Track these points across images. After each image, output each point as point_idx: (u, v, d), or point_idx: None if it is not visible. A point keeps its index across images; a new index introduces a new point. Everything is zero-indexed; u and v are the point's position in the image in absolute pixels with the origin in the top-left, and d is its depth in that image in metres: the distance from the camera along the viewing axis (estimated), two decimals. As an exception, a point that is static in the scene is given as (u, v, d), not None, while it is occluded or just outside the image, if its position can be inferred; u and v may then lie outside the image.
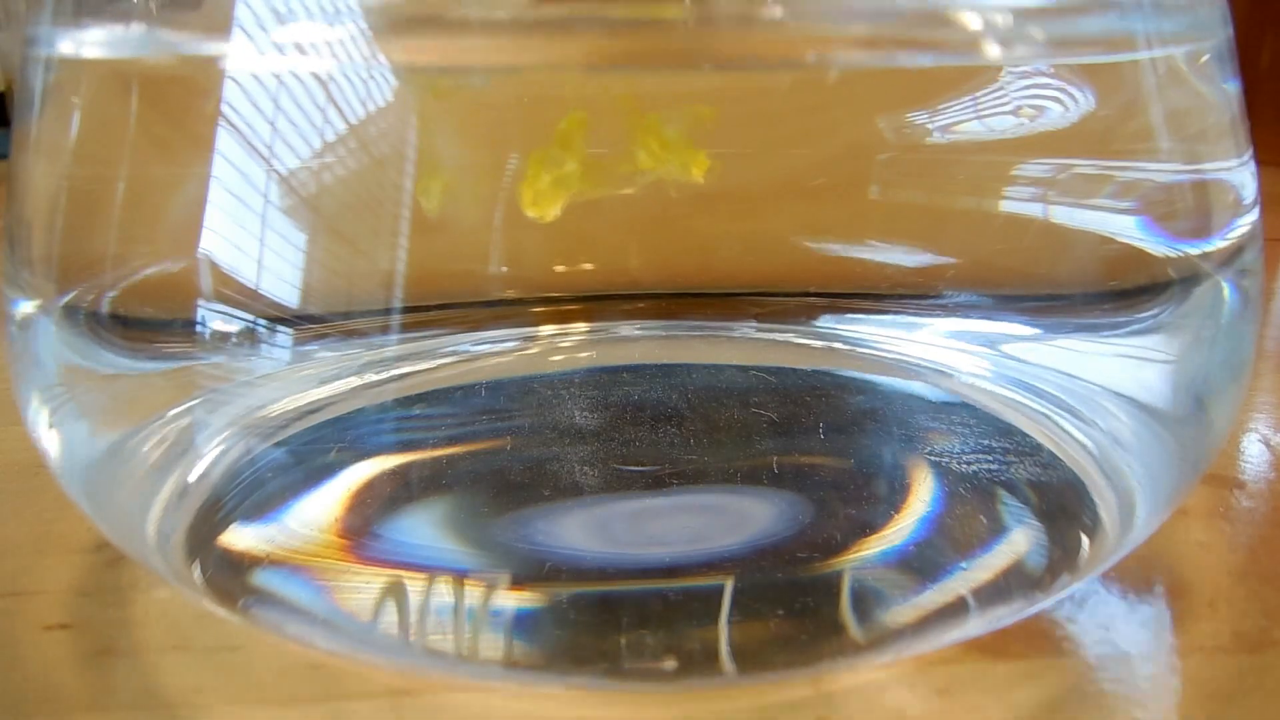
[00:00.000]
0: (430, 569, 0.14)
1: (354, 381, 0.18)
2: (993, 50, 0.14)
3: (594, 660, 0.13)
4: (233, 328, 0.15)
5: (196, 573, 0.14)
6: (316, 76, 0.14)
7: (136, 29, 0.14)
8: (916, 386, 0.19)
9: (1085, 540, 0.15)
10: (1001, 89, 0.15)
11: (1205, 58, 0.15)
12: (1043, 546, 0.15)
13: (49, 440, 0.15)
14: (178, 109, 0.15)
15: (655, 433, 0.17)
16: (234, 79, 0.14)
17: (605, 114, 0.16)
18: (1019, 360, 0.18)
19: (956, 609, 0.13)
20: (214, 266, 0.14)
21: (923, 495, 0.15)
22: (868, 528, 0.15)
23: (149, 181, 0.15)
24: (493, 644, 0.13)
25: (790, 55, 0.14)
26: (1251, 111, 0.16)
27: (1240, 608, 0.15)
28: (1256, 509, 0.18)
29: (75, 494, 0.15)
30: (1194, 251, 0.16)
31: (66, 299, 0.15)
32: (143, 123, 0.15)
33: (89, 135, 0.15)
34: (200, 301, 0.15)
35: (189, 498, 0.15)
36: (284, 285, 0.15)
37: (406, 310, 0.16)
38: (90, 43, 0.15)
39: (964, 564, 0.14)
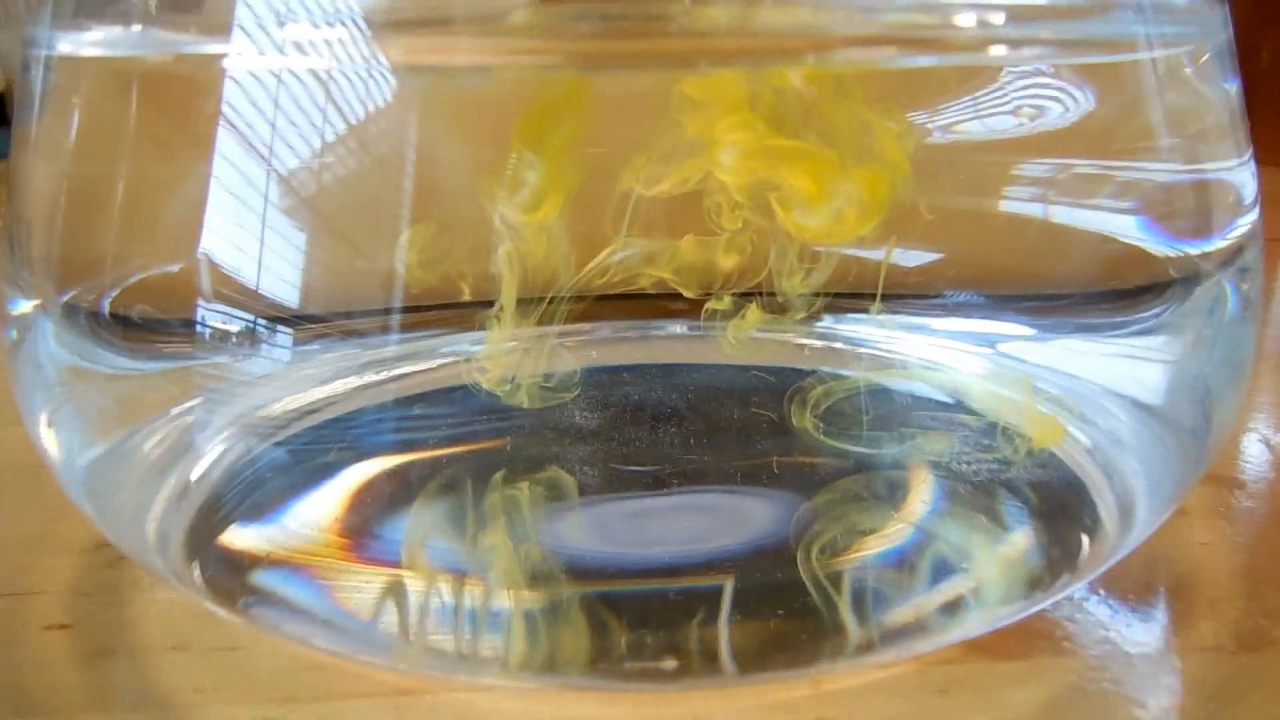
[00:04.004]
0: (430, 569, 0.14)
1: (354, 381, 0.18)
2: (993, 50, 0.14)
3: (594, 660, 0.13)
4: (233, 328, 0.15)
5: (196, 573, 0.14)
6: (316, 76, 0.14)
7: (136, 29, 0.14)
8: (917, 386, 0.19)
9: (1085, 540, 0.15)
10: (1001, 89, 0.15)
11: (1205, 58, 0.15)
12: (1043, 546, 0.15)
13: (49, 440, 0.15)
14: (178, 109, 0.15)
15: (655, 433, 0.17)
16: (234, 79, 0.14)
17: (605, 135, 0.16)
18: (1019, 360, 0.18)
19: (956, 609, 0.13)
20: (214, 266, 0.14)
21: (923, 495, 0.15)
22: (868, 528, 0.15)
23: (149, 181, 0.15)
24: (492, 644, 0.13)
25: (790, 55, 0.14)
26: (1251, 111, 0.16)
27: (1240, 608, 0.15)
28: (1256, 509, 0.18)
29: (75, 494, 0.15)
30: (1194, 251, 0.16)
31: (66, 299, 0.15)
32: (143, 123, 0.15)
33: (89, 135, 0.15)
34: (200, 301, 0.15)
35: (189, 498, 0.15)
36: (284, 285, 0.15)
37: (406, 310, 0.16)
38: (90, 42, 0.15)
39: (964, 564, 0.14)
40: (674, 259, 0.16)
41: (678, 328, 0.20)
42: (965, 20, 0.13)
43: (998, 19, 0.14)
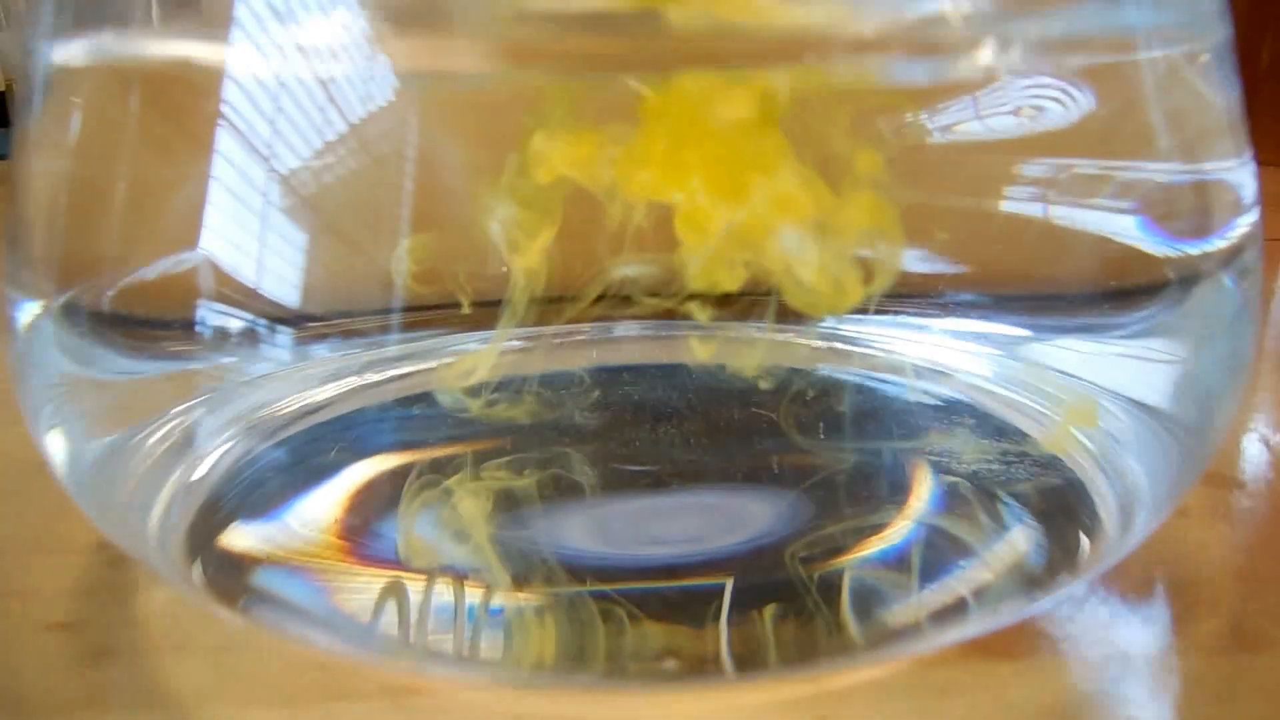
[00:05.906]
0: (430, 569, 0.14)
1: (354, 381, 0.18)
2: (991, 51, 0.14)
3: (594, 660, 0.13)
4: (233, 328, 0.15)
5: (196, 573, 0.14)
6: (317, 77, 0.14)
7: (137, 29, 0.14)
8: (915, 386, 0.19)
9: (1085, 540, 0.15)
10: (1001, 89, 0.15)
11: (1205, 58, 0.15)
12: (1043, 546, 0.15)
13: (49, 440, 0.15)
14: (178, 109, 0.15)
15: (655, 433, 0.17)
16: (234, 79, 0.14)
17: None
18: (1019, 360, 0.18)
19: (956, 609, 0.13)
20: (214, 266, 0.14)
21: (922, 495, 0.15)
22: (868, 528, 0.15)
23: (149, 181, 0.15)
24: (493, 644, 0.13)
25: (788, 56, 0.14)
26: (1251, 111, 0.16)
27: (1240, 608, 0.15)
28: (1256, 509, 0.18)
29: (76, 494, 0.15)
30: (1194, 251, 0.16)
31: (67, 299, 0.15)
32: (143, 123, 0.15)
33: (89, 135, 0.15)
34: (200, 301, 0.15)
35: (189, 498, 0.15)
36: (284, 285, 0.15)
37: (406, 310, 0.16)
38: (90, 43, 0.15)
39: (964, 564, 0.14)
40: (681, 288, 0.15)
41: (678, 328, 0.20)
42: (963, 21, 0.13)
43: (995, 19, 0.14)
